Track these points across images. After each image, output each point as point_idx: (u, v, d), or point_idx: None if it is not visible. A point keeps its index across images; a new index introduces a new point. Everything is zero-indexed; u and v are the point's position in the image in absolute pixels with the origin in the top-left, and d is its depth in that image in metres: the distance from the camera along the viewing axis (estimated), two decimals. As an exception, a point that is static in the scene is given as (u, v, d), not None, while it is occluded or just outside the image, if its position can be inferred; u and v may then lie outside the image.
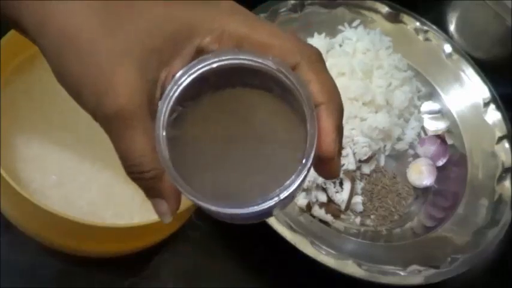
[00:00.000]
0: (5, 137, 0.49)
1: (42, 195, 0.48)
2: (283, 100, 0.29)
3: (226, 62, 0.28)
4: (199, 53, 0.30)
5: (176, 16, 0.29)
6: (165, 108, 0.28)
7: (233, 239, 0.59)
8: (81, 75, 0.29)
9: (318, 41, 0.71)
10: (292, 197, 0.29)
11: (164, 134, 0.28)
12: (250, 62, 0.28)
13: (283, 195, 0.27)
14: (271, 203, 0.28)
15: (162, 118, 0.28)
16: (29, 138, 0.51)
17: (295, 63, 0.29)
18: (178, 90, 0.28)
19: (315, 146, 0.28)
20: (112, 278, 0.53)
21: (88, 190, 0.50)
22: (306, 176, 0.28)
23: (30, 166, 0.49)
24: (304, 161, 0.28)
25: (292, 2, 0.72)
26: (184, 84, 0.28)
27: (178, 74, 0.28)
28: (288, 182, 0.27)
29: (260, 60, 0.28)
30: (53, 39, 0.29)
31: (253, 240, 0.58)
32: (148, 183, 0.30)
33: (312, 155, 0.28)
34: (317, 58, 0.30)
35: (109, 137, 0.29)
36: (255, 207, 0.27)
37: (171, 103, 0.28)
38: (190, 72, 0.28)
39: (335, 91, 0.30)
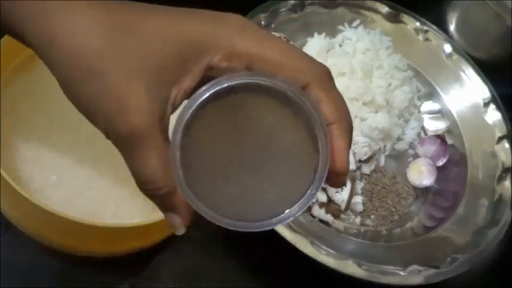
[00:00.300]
0: (5, 137, 0.49)
1: (42, 195, 0.48)
2: (287, 105, 0.29)
3: (238, 82, 0.28)
4: (210, 70, 0.30)
5: (184, 34, 0.29)
6: (178, 134, 0.28)
7: (233, 239, 0.59)
8: (90, 95, 0.29)
9: (318, 41, 0.71)
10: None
11: (178, 155, 0.28)
12: (263, 82, 0.28)
13: (297, 214, 0.28)
14: (285, 222, 0.29)
15: (175, 142, 0.28)
16: (29, 138, 0.51)
17: (305, 83, 0.29)
18: (189, 114, 0.28)
19: (327, 168, 0.28)
20: (112, 278, 0.53)
21: (88, 190, 0.50)
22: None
23: (30, 166, 0.49)
24: (317, 182, 0.28)
25: (292, 2, 0.72)
26: (194, 107, 0.28)
27: (188, 101, 0.28)
28: (299, 204, 0.28)
29: (274, 82, 0.28)
30: (61, 59, 0.29)
31: (253, 240, 0.58)
32: (162, 199, 0.30)
33: (325, 177, 0.28)
34: (327, 77, 0.31)
35: (121, 154, 0.30)
36: (270, 227, 0.29)
37: (182, 127, 0.28)
38: (201, 97, 0.28)
39: (345, 109, 0.31)
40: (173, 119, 0.29)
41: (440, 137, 0.70)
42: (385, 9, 0.76)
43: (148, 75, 0.28)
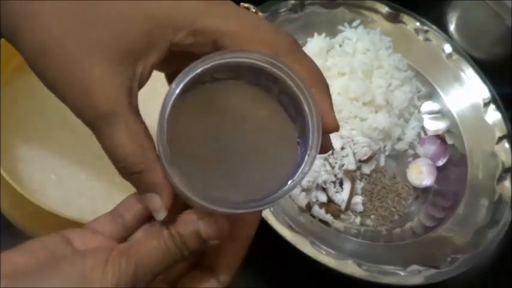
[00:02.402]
0: (5, 137, 0.49)
1: (42, 195, 0.48)
2: (261, 80, 0.30)
3: (211, 64, 0.28)
4: (174, 46, 0.30)
5: (147, 12, 0.30)
6: (162, 142, 0.28)
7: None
8: (54, 79, 0.29)
9: (318, 41, 0.71)
10: None
11: (168, 166, 0.28)
12: (236, 59, 0.28)
13: (302, 180, 0.28)
14: (291, 191, 0.28)
15: (163, 124, 0.27)
16: (29, 138, 0.51)
17: (275, 56, 0.30)
18: (170, 104, 0.28)
19: (321, 127, 0.29)
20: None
21: (88, 190, 0.50)
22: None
23: (30, 166, 0.49)
24: (315, 142, 0.29)
25: (292, 2, 0.72)
26: (175, 95, 0.28)
27: (165, 98, 0.28)
28: (302, 170, 0.28)
29: (246, 56, 0.29)
30: (28, 53, 0.30)
31: (254, 240, 0.58)
32: (138, 178, 0.30)
33: (320, 136, 0.29)
34: (294, 46, 0.31)
35: (96, 137, 0.30)
36: (276, 200, 0.29)
37: (167, 114, 0.28)
38: (180, 83, 0.28)
39: (318, 71, 0.31)
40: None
41: (440, 137, 0.70)
42: (385, 9, 0.76)
43: (111, 52, 0.29)
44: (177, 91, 0.28)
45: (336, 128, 0.31)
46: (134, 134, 0.29)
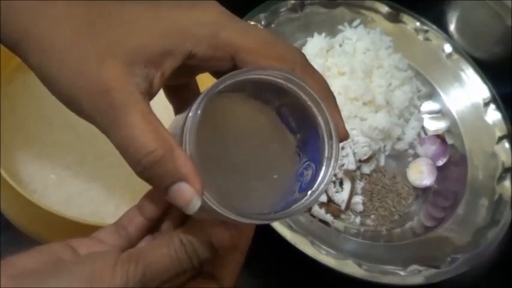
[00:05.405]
0: (5, 137, 0.49)
1: (42, 195, 0.48)
2: (258, 99, 0.31)
3: (234, 80, 0.28)
4: (191, 58, 0.30)
5: (167, 21, 0.30)
6: (189, 148, 0.27)
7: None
8: (67, 79, 0.29)
9: (318, 41, 0.71)
10: None
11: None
12: (258, 76, 0.29)
13: (324, 189, 0.29)
14: (317, 200, 0.29)
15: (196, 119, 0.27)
16: (28, 138, 0.51)
17: (290, 70, 0.30)
18: (196, 124, 0.27)
19: (338, 138, 0.30)
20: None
21: (88, 190, 0.50)
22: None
23: (30, 166, 0.49)
24: (335, 151, 0.29)
25: (292, 1, 0.72)
26: (199, 116, 0.27)
27: (191, 112, 0.27)
28: (321, 179, 0.29)
29: (269, 73, 0.29)
30: (36, 49, 0.29)
31: (253, 240, 0.58)
32: (160, 167, 0.27)
33: (339, 145, 0.30)
34: (306, 61, 0.32)
35: (109, 137, 0.29)
36: (302, 210, 0.29)
37: (192, 140, 0.27)
38: (203, 103, 0.27)
39: (327, 85, 0.32)
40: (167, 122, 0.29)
41: (440, 137, 0.70)
42: (385, 9, 0.76)
43: (122, 53, 0.28)
44: (199, 112, 0.27)
45: (347, 137, 0.32)
46: (150, 121, 0.28)
